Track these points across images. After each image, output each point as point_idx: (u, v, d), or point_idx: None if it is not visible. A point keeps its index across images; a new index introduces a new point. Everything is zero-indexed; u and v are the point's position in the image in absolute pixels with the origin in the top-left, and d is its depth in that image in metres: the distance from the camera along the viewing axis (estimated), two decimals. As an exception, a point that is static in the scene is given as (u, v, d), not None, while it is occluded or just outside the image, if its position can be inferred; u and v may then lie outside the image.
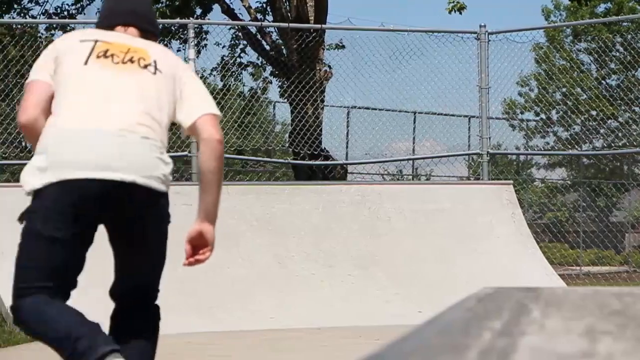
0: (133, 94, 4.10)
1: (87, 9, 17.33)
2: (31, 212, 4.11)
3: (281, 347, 8.40)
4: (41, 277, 4.02)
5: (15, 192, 10.51)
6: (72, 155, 3.91)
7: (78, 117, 3.99)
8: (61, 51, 4.29)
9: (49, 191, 3.95)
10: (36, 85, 4.21)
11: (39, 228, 4.03)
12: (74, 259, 4.24)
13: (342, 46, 15.89)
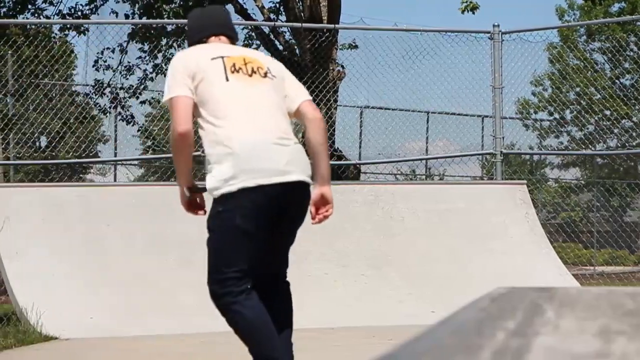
0: (271, 103, 5.01)
1: (100, 9, 17.36)
2: (228, 211, 4.86)
3: (296, 347, 8.39)
4: (239, 263, 4.88)
5: (27, 193, 10.57)
6: (256, 164, 4.80)
7: (244, 128, 4.85)
8: (195, 70, 4.94)
9: (244, 194, 4.81)
10: (183, 100, 4.90)
11: (238, 223, 4.84)
12: (263, 248, 4.99)
13: (355, 46, 15.89)
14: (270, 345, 5.05)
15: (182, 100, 4.90)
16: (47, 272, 9.79)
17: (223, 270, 4.91)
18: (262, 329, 5.00)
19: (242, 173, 4.79)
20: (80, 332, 9.01)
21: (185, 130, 4.89)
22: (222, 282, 4.94)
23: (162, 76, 16.80)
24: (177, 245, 10.38)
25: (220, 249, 4.95)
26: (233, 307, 4.97)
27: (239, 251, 4.88)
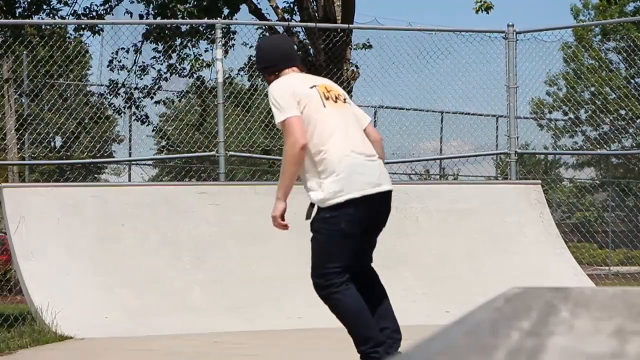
0: (356, 125, 6.04)
1: (115, 9, 17.40)
2: (334, 217, 5.80)
3: (310, 347, 8.41)
4: (341, 259, 5.82)
5: (43, 193, 10.60)
6: (358, 178, 5.80)
7: (345, 148, 5.81)
8: (301, 96, 5.87)
9: (349, 204, 5.77)
10: (297, 119, 5.80)
11: (343, 227, 5.78)
12: (358, 247, 5.95)
13: (370, 46, 15.88)
14: (366, 326, 5.93)
15: (296, 120, 5.80)
16: (62, 272, 9.82)
17: (326, 266, 5.85)
18: (359, 313, 5.92)
19: (347, 187, 5.76)
20: (94, 332, 9.03)
21: (305, 144, 5.78)
22: (326, 276, 5.86)
23: (177, 76, 16.83)
24: (191, 245, 10.40)
25: (325, 248, 5.89)
26: (335, 295, 5.86)
27: (341, 250, 5.83)
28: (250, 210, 10.76)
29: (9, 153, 20.46)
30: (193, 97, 17.68)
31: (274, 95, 5.87)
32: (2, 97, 19.67)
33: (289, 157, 5.83)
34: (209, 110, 16.50)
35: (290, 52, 6.33)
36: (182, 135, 16.81)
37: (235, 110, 15.60)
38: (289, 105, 5.80)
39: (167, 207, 10.68)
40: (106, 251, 10.18)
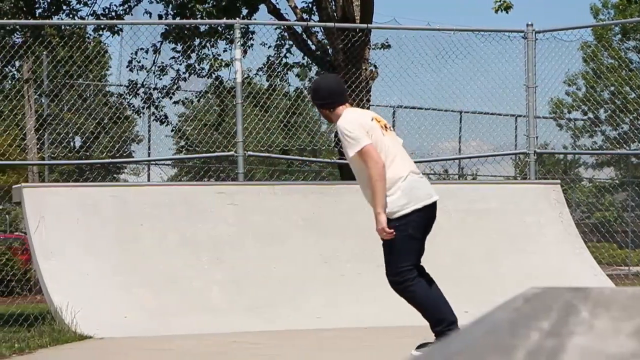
0: (404, 150, 7.42)
1: (134, 9, 17.43)
2: (403, 225, 7.04)
3: (329, 347, 8.41)
4: (411, 258, 7.17)
5: (63, 193, 10.64)
6: (418, 192, 7.14)
7: (405, 169, 7.13)
8: (368, 128, 7.10)
9: (414, 213, 7.09)
10: (372, 146, 7.00)
11: (411, 232, 7.10)
12: (421, 247, 7.29)
13: (388, 46, 15.85)
14: (440, 310, 7.26)
15: (372, 146, 6.99)
16: (81, 272, 9.85)
17: (400, 265, 7.15)
18: (432, 299, 7.26)
19: (410, 200, 7.07)
20: (114, 332, 9.06)
21: (384, 164, 7.01)
22: (400, 274, 7.17)
23: (195, 76, 16.85)
24: (209, 245, 10.42)
25: (398, 250, 7.10)
26: (411, 288, 7.17)
27: (410, 251, 7.15)
28: (269, 210, 10.77)
29: (29, 153, 20.55)
30: (212, 97, 17.71)
31: (346, 129, 7.04)
32: (22, 97, 19.75)
33: (376, 176, 6.94)
34: (228, 110, 16.52)
35: (343, 91, 7.56)
36: (201, 135, 16.83)
37: (254, 110, 15.62)
38: (362, 135, 7.01)
39: (186, 207, 10.70)
40: (125, 251, 10.21)
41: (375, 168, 6.90)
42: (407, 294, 7.28)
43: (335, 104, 7.32)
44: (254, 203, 10.84)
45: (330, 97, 7.35)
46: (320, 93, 7.45)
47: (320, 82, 7.84)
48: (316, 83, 7.96)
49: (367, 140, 6.96)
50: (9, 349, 8.16)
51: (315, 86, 7.74)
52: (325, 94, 7.39)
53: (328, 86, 7.47)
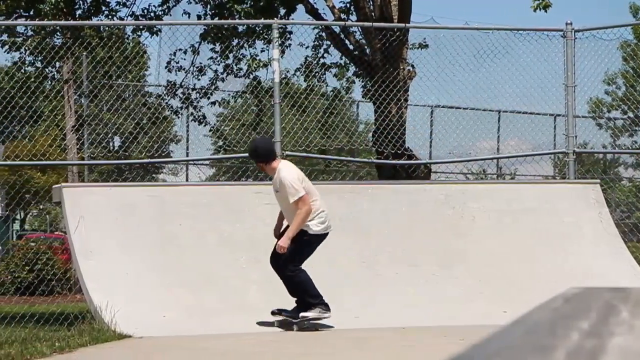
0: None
1: (173, 10, 17.49)
2: (313, 239, 9.58)
3: (366, 347, 8.40)
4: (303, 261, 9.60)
5: (102, 193, 10.71)
6: (328, 221, 9.69)
7: (323, 206, 9.66)
8: (301, 178, 9.66)
9: (323, 235, 9.67)
10: (307, 196, 9.48)
11: (313, 245, 9.61)
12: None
13: (426, 45, 15.81)
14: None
15: (306, 196, 9.47)
16: (120, 271, 9.91)
17: (296, 263, 9.65)
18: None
19: (325, 226, 9.66)
20: (153, 331, 9.10)
21: (311, 209, 9.54)
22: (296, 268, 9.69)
23: (233, 76, 16.88)
24: (247, 244, 10.45)
25: (300, 253, 9.58)
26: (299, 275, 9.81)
27: (305, 256, 9.66)
28: (307, 209, 10.76)
29: (68, 153, 20.70)
30: (249, 97, 17.74)
31: (292, 183, 9.42)
32: (62, 97, 19.91)
33: (305, 215, 9.43)
34: (265, 110, 16.54)
35: (274, 148, 10.26)
36: (239, 135, 16.87)
37: (292, 110, 15.63)
38: (300, 188, 9.45)
39: (224, 206, 10.74)
40: (164, 250, 10.26)
41: (306, 211, 9.41)
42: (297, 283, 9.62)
43: (270, 159, 9.64)
44: (292, 203, 10.84)
45: (268, 156, 9.67)
46: (259, 152, 9.72)
47: (258, 143, 10.02)
48: (254, 144, 10.03)
49: (303, 192, 9.44)
50: (50, 348, 8.22)
51: (254, 147, 9.92)
52: (264, 153, 9.70)
53: (266, 146, 9.88)
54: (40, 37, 14.87)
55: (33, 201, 40.38)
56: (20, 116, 15.46)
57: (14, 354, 7.94)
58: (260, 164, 9.75)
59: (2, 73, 17.68)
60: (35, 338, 9.64)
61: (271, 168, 9.61)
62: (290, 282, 9.59)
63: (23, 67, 15.68)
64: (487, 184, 16.42)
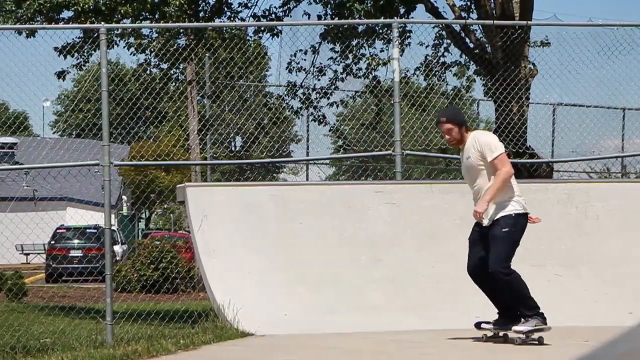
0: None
1: (293, 11, 17.64)
2: (516, 221, 8.45)
3: (488, 347, 8.34)
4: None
5: (224, 192, 10.85)
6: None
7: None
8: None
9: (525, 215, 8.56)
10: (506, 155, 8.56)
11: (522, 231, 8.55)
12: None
13: (548, 43, 15.61)
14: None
15: (505, 156, 8.43)
16: (243, 270, 10.03)
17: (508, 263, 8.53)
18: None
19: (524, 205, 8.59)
20: (274, 329, 9.18)
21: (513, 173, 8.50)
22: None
23: (352, 77, 16.94)
24: (367, 243, 10.46)
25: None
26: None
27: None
28: (427, 209, 10.75)
29: (192, 153, 21.05)
30: (369, 96, 17.77)
31: (489, 139, 8.47)
32: (186, 98, 20.25)
33: (506, 177, 8.30)
34: (385, 109, 16.55)
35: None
36: (359, 135, 16.92)
37: (411, 109, 15.60)
38: (500, 145, 8.41)
39: (344, 205, 10.77)
40: (285, 249, 10.34)
41: (507, 172, 8.31)
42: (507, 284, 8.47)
43: (466, 126, 8.70)
44: (412, 202, 10.83)
45: (465, 122, 8.75)
46: (460, 115, 8.90)
47: (458, 110, 9.64)
48: (454, 108, 9.98)
49: (503, 149, 8.41)
50: (175, 345, 8.37)
51: (454, 110, 9.89)
52: (463, 117, 8.84)
53: (462, 113, 9.11)
54: (164, 39, 15.17)
55: (158, 200, 41.18)
56: (145, 117, 15.80)
57: (141, 351, 8.11)
58: (455, 127, 8.53)
59: (129, 75, 18.09)
60: (160, 335, 9.86)
61: (463, 135, 8.55)
62: (506, 288, 8.38)
63: (148, 69, 16.02)
64: (612, 182, 16.10)
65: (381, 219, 10.70)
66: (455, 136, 8.54)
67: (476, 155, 8.39)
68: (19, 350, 10.31)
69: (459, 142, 8.59)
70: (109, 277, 10.84)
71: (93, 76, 19.25)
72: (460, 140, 8.56)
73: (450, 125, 8.55)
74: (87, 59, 16.47)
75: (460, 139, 8.55)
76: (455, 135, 8.53)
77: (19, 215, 16.49)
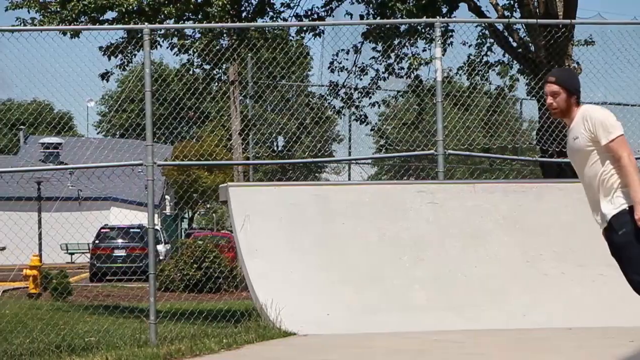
0: None
1: (336, 10, 17.65)
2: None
3: (532, 347, 8.30)
4: None
5: (266, 192, 10.87)
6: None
7: None
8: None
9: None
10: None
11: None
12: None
13: (592, 42, 15.50)
14: None
15: (624, 139, 6.61)
16: (285, 269, 10.04)
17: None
18: None
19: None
20: (317, 329, 9.19)
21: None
22: None
23: (394, 76, 16.92)
24: (410, 243, 10.43)
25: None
26: None
27: None
28: (469, 208, 10.70)
29: (234, 153, 21.13)
30: (411, 96, 17.74)
31: (605, 116, 6.73)
32: (228, 99, 20.31)
33: (633, 164, 6.54)
34: (427, 109, 16.51)
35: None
36: (401, 134, 16.89)
37: (454, 109, 15.55)
38: (618, 124, 6.66)
39: (386, 205, 10.75)
40: (327, 249, 10.34)
41: (630, 157, 6.55)
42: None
43: (578, 96, 7.04)
44: (454, 201, 10.79)
45: (579, 91, 7.05)
46: (575, 81, 7.09)
47: (572, 72, 7.73)
48: (571, 71, 7.87)
49: (621, 130, 6.66)
50: (218, 344, 8.41)
51: (570, 72, 7.76)
52: (578, 85, 7.06)
53: (578, 82, 7.10)
54: (207, 40, 15.24)
55: (200, 200, 41.37)
56: (188, 117, 15.89)
57: (184, 350, 8.16)
58: (564, 93, 6.97)
59: (172, 75, 18.20)
60: (203, 334, 9.90)
61: (571, 106, 6.98)
62: None
63: (191, 69, 16.11)
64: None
65: (423, 218, 10.67)
66: (560, 104, 7.00)
67: (587, 136, 6.80)
68: (64, 349, 10.40)
69: (563, 113, 7.04)
70: (152, 277, 10.90)
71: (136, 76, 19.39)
72: (566, 112, 7.01)
73: (557, 88, 7.00)
74: (131, 60, 16.58)
75: (565, 110, 7.01)
76: (560, 103, 6.99)
77: (63, 215, 16.65)
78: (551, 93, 7.01)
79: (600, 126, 6.66)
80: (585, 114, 6.81)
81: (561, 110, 6.97)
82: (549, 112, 7.22)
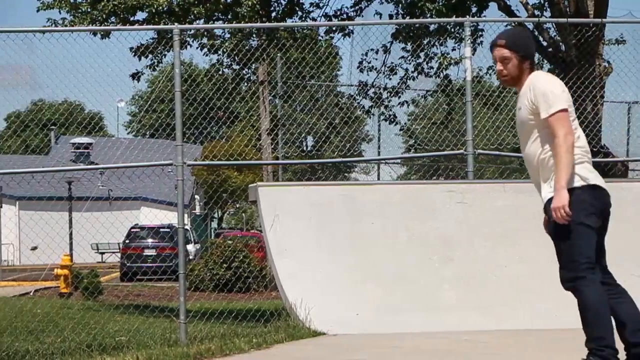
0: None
1: (365, 10, 17.65)
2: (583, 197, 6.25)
3: (562, 348, 8.27)
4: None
5: (296, 192, 10.89)
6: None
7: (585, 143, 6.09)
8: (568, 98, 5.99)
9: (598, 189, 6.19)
10: (567, 114, 5.90)
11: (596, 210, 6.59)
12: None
13: (623, 41, 15.43)
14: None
15: (566, 114, 5.86)
16: (314, 269, 10.06)
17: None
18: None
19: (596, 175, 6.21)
20: (346, 328, 9.20)
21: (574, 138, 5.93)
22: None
23: (423, 76, 16.91)
24: (439, 243, 10.41)
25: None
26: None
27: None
28: (499, 208, 10.67)
29: (263, 153, 21.17)
30: (440, 95, 17.72)
31: (547, 87, 5.90)
32: (257, 99, 20.36)
33: (568, 145, 5.85)
34: (457, 108, 16.49)
35: (533, 48, 6.29)
36: (430, 134, 16.88)
37: (483, 109, 15.52)
38: (562, 97, 5.92)
39: (415, 205, 10.74)
40: (357, 249, 10.34)
41: (566, 136, 5.80)
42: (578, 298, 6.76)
43: (528, 57, 6.05)
44: (484, 201, 10.76)
45: (527, 50, 6.08)
46: (519, 40, 6.12)
47: (524, 31, 6.79)
48: (520, 31, 6.94)
49: (565, 104, 5.84)
50: (248, 344, 8.43)
51: (520, 32, 6.71)
52: (524, 43, 6.10)
53: (527, 40, 6.20)
54: (237, 40, 15.28)
55: (230, 200, 41.49)
56: (218, 117, 15.94)
57: (214, 349, 8.18)
58: (514, 58, 5.99)
59: (201, 75, 18.26)
60: (233, 334, 9.93)
61: (522, 72, 6.01)
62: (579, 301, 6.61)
63: (221, 69, 16.16)
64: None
65: (452, 218, 10.65)
66: (511, 71, 6.04)
67: (529, 107, 5.97)
68: (95, 348, 10.46)
69: (514, 80, 6.09)
70: (182, 276, 10.94)
71: (166, 77, 19.48)
72: (517, 80, 6.07)
73: (508, 53, 6.03)
74: (161, 60, 16.67)
75: (517, 77, 6.06)
76: (512, 69, 6.03)
77: (94, 215, 16.74)
78: (501, 58, 6.07)
79: (541, 97, 5.86)
80: (530, 83, 5.96)
81: (512, 77, 6.06)
82: (498, 79, 6.36)
